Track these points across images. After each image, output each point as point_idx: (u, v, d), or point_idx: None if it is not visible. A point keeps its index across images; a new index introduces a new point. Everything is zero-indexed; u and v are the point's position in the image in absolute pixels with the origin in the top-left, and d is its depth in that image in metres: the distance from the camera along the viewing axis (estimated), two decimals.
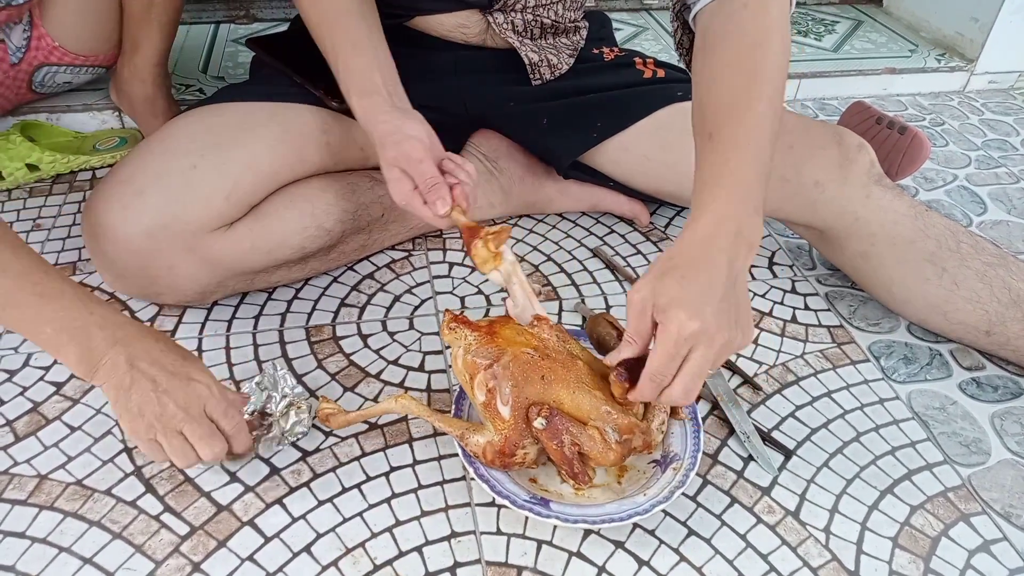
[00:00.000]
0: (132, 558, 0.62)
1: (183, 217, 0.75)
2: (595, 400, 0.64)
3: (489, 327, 0.68)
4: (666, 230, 1.03)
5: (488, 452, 0.63)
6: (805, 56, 1.47)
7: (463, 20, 0.89)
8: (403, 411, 0.68)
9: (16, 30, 1.03)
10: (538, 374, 0.64)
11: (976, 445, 0.76)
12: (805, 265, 0.98)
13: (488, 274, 0.71)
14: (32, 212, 1.01)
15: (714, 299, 0.58)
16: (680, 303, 0.57)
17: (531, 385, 0.63)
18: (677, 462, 0.67)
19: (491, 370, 0.64)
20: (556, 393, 0.64)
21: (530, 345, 0.66)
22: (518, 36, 0.90)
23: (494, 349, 0.65)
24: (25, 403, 0.75)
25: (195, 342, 0.82)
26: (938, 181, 1.19)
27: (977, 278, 0.80)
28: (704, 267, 0.59)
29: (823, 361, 0.84)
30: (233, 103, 0.84)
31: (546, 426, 0.62)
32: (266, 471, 0.69)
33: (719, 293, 0.58)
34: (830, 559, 0.65)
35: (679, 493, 0.63)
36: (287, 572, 0.62)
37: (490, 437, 0.63)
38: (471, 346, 0.66)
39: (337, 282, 0.91)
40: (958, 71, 1.45)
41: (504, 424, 0.63)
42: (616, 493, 0.66)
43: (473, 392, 0.65)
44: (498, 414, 0.63)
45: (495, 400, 0.63)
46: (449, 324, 0.68)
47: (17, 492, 0.67)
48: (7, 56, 1.03)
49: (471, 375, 0.65)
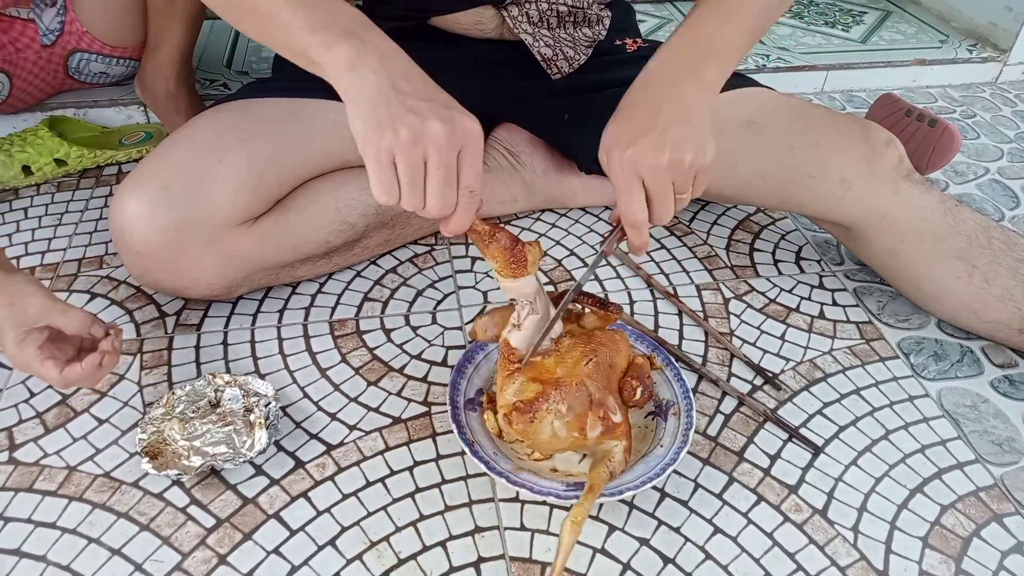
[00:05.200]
0: (159, 550, 0.63)
1: (209, 211, 0.75)
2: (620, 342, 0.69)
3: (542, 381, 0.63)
4: (690, 224, 1.02)
5: (627, 457, 0.64)
6: (833, 48, 1.45)
7: (478, 16, 0.89)
8: (583, 523, 0.59)
9: (48, 12, 1.04)
10: (607, 366, 0.66)
11: (1009, 444, 0.74)
12: (833, 260, 0.97)
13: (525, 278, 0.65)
14: (60, 206, 1.03)
15: (653, 129, 0.61)
16: (617, 141, 0.62)
17: (611, 381, 0.66)
18: (674, 407, 0.70)
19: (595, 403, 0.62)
20: (620, 365, 0.67)
21: (579, 358, 0.65)
22: (534, 27, 0.89)
23: (578, 389, 0.63)
24: (54, 395, 0.76)
25: (220, 335, 0.83)
26: (969, 174, 1.16)
27: (1009, 275, 0.78)
28: (643, 105, 0.63)
29: (851, 358, 0.83)
30: (257, 99, 0.84)
31: (644, 390, 0.67)
32: (291, 464, 0.70)
33: (660, 123, 0.61)
34: (858, 558, 0.64)
35: (692, 432, 0.68)
36: (312, 565, 0.62)
37: (622, 447, 0.64)
38: (559, 410, 0.62)
39: (360, 276, 0.92)
40: (991, 61, 1.42)
41: (622, 425, 0.64)
42: (635, 453, 0.68)
43: (587, 438, 0.62)
44: (615, 426, 0.63)
45: (610, 419, 0.63)
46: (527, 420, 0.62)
47: (47, 483, 0.68)
48: (38, 37, 1.05)
49: (580, 428, 0.62)
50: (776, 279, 0.93)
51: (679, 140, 0.61)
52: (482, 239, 0.63)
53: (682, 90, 0.64)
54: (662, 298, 0.90)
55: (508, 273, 0.64)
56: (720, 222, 1.03)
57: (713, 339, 0.84)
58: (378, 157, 0.56)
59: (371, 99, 0.56)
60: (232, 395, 0.72)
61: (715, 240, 0.99)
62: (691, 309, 0.88)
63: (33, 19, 1.04)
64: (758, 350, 0.83)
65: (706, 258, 0.96)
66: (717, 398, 0.77)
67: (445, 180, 0.56)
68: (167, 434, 0.69)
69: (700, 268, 0.95)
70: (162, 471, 0.66)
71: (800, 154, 0.82)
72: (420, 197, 0.57)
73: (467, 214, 0.59)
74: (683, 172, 0.61)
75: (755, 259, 0.97)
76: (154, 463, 0.67)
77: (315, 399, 0.76)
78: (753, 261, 0.96)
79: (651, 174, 0.61)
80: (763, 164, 0.84)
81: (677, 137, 0.61)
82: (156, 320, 0.84)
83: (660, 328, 0.85)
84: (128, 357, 0.80)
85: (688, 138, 0.61)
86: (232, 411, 0.71)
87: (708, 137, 0.63)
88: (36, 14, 1.04)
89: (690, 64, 0.65)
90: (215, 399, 0.72)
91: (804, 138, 0.82)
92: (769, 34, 1.49)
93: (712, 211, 1.05)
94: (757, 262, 0.96)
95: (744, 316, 0.88)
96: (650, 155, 0.60)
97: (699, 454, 0.71)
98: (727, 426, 0.74)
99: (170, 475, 0.66)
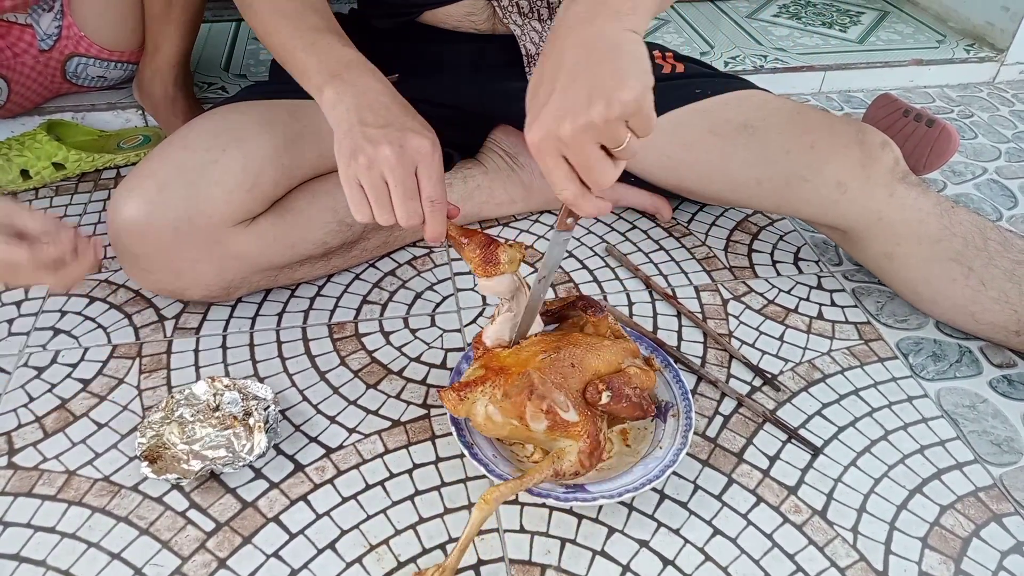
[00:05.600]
0: (159, 554, 0.63)
1: (206, 210, 0.75)
2: (611, 347, 0.67)
3: (488, 368, 0.65)
4: (689, 225, 1.02)
5: (585, 461, 0.62)
6: (830, 48, 1.45)
7: (469, 8, 0.89)
8: (497, 505, 0.59)
9: (46, 17, 1.04)
10: (568, 365, 0.64)
11: (1008, 444, 0.74)
12: (831, 261, 0.97)
13: (497, 277, 0.67)
14: (58, 210, 1.02)
15: (554, 92, 0.53)
16: (528, 124, 0.55)
17: (571, 378, 0.64)
18: (672, 408, 0.70)
19: (536, 393, 0.62)
20: (591, 367, 0.65)
21: (537, 352, 0.65)
22: (524, 19, 0.89)
23: (519, 379, 0.63)
24: (53, 400, 0.76)
25: (219, 339, 0.83)
26: (967, 174, 1.17)
27: (1005, 277, 0.78)
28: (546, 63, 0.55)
29: (850, 358, 0.83)
30: (254, 101, 0.84)
31: (612, 395, 0.63)
32: (290, 468, 0.69)
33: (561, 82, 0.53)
34: (858, 559, 0.64)
35: (691, 434, 0.68)
36: (312, 569, 0.62)
37: (576, 449, 0.62)
38: (495, 395, 0.62)
39: (359, 279, 0.92)
40: (988, 61, 1.43)
41: (578, 426, 0.62)
42: (632, 455, 0.68)
43: (530, 429, 0.62)
44: (568, 424, 0.62)
45: (557, 415, 0.61)
46: (457, 397, 0.63)
47: (47, 488, 0.68)
48: (36, 42, 1.05)
49: (519, 416, 0.62)
50: (774, 280, 0.94)
51: (584, 96, 0.52)
52: (458, 242, 0.68)
53: (590, 27, 0.54)
54: (660, 299, 0.90)
55: (481, 272, 0.67)
56: (718, 223, 1.03)
57: (712, 340, 0.84)
58: (348, 182, 0.65)
59: (341, 132, 0.66)
60: (231, 399, 0.72)
61: (713, 241, 1.00)
62: (690, 310, 0.88)
63: (31, 24, 1.04)
64: (757, 351, 0.83)
65: (704, 259, 0.96)
66: (716, 399, 0.77)
67: (405, 195, 0.64)
68: (166, 438, 0.69)
69: (698, 269, 0.95)
70: (161, 475, 0.66)
71: (795, 158, 0.82)
72: (389, 212, 0.65)
73: (436, 221, 0.66)
74: (602, 129, 0.52)
75: (753, 260, 0.97)
76: (153, 467, 0.67)
77: (314, 402, 0.76)
78: (751, 262, 0.96)
79: (562, 147, 0.53)
80: (758, 168, 0.84)
81: (581, 92, 0.52)
82: (155, 324, 0.84)
83: (659, 329, 0.85)
84: (127, 361, 0.80)
85: (596, 87, 0.51)
86: (231, 415, 0.71)
87: (628, 72, 0.52)
88: (34, 19, 1.04)
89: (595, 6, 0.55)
90: (214, 403, 0.72)
91: (799, 142, 0.82)
92: (766, 35, 1.49)
93: (710, 212, 1.05)
94: (755, 263, 0.96)
95: (743, 317, 0.88)
96: (553, 127, 0.52)
97: (698, 455, 0.71)
98: (726, 427, 0.74)
99: (169, 479, 0.66)
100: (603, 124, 0.52)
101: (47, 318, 0.85)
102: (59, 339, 0.82)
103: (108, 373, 0.79)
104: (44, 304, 0.87)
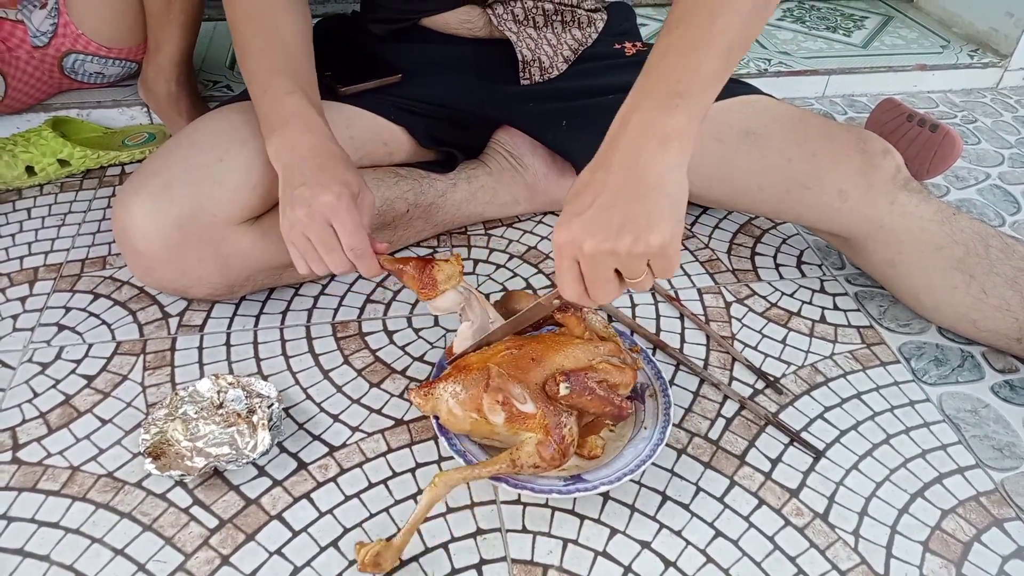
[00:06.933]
0: (162, 550, 0.63)
1: (210, 209, 0.76)
2: (583, 346, 0.67)
3: (455, 367, 0.67)
4: (692, 228, 1.02)
5: (544, 453, 0.62)
6: (834, 52, 1.45)
7: (465, 16, 0.89)
8: (448, 489, 0.61)
9: (39, 14, 1.04)
10: (528, 359, 0.65)
11: (1009, 449, 0.74)
12: (834, 264, 0.97)
13: (440, 297, 0.69)
14: (63, 207, 1.03)
15: (591, 207, 0.55)
16: (560, 222, 0.57)
17: (531, 372, 0.64)
18: (649, 388, 0.72)
19: (492, 386, 0.63)
20: (554, 362, 0.66)
21: (499, 350, 0.67)
22: (519, 26, 0.89)
23: (478, 373, 0.64)
24: (58, 395, 0.76)
25: (223, 337, 0.83)
26: (970, 180, 1.17)
27: (1007, 284, 0.78)
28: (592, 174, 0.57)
29: (852, 362, 0.83)
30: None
31: (572, 387, 0.63)
32: (294, 465, 0.70)
33: (601, 202, 0.55)
34: (859, 563, 0.64)
35: (673, 407, 0.70)
36: (314, 566, 0.62)
37: (534, 440, 0.62)
38: (456, 390, 0.64)
39: (363, 278, 0.92)
40: (991, 67, 1.43)
41: (536, 419, 0.62)
42: (619, 439, 0.69)
43: (490, 422, 0.63)
44: (525, 416, 0.62)
45: (514, 407, 0.62)
46: (422, 394, 0.66)
47: (51, 483, 0.68)
48: (27, 38, 1.05)
49: (476, 409, 0.63)
50: (778, 283, 0.94)
51: (616, 224, 0.54)
52: (396, 272, 0.71)
53: (637, 157, 0.55)
54: (664, 301, 0.90)
55: (424, 296, 0.69)
56: (722, 226, 1.03)
57: (715, 343, 0.84)
58: (284, 238, 0.71)
59: (279, 189, 0.71)
60: (235, 396, 0.72)
61: (717, 244, 1.00)
62: (693, 312, 0.88)
63: (22, 20, 1.04)
64: (759, 354, 0.83)
65: (708, 262, 0.97)
66: (718, 402, 0.77)
67: (324, 249, 0.69)
68: (170, 435, 0.69)
69: (702, 272, 0.95)
70: (165, 472, 0.66)
71: (797, 166, 0.82)
72: (320, 264, 0.70)
73: (364, 265, 0.70)
74: (623, 259, 0.55)
75: (757, 263, 0.97)
76: (157, 464, 0.67)
77: (317, 400, 0.76)
78: (755, 265, 0.97)
79: (580, 256, 0.56)
80: (760, 175, 0.84)
81: (615, 220, 0.54)
82: (159, 321, 0.85)
83: (662, 331, 0.86)
84: (132, 357, 0.80)
85: (629, 220, 0.54)
86: (235, 412, 0.71)
87: (663, 216, 0.54)
88: (25, 15, 1.04)
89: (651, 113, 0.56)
90: (218, 400, 0.72)
91: (801, 150, 0.82)
92: (771, 39, 1.49)
93: (714, 215, 1.05)
94: (759, 266, 0.96)
95: (746, 320, 0.88)
96: (580, 239, 0.55)
97: (700, 457, 0.72)
98: (728, 430, 0.74)
99: (173, 476, 0.66)
100: (625, 256, 0.54)
101: (52, 314, 0.85)
102: (63, 335, 0.83)
103: (112, 369, 0.79)
104: (48, 300, 0.87)
